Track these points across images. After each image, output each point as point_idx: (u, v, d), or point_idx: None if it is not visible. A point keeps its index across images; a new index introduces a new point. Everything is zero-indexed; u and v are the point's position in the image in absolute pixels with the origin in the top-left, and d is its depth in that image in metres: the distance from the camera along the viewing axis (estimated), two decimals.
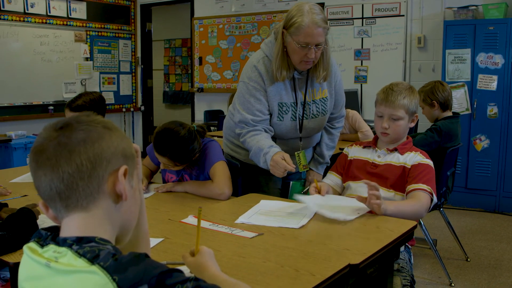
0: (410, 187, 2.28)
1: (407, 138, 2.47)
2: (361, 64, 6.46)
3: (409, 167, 2.34)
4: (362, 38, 6.42)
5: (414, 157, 2.36)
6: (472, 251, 4.14)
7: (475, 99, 5.32)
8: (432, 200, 2.24)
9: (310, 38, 2.43)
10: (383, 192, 2.33)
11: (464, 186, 5.45)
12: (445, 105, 3.76)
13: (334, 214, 2.02)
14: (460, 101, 5.39)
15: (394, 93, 2.35)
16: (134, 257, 0.96)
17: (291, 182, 2.86)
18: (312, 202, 2.15)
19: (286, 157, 2.36)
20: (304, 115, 2.71)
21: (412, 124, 2.43)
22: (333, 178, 2.58)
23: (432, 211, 3.78)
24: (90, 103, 3.25)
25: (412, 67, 6.14)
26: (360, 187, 2.39)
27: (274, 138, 2.72)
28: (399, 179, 2.34)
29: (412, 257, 2.37)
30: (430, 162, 2.36)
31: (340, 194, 2.55)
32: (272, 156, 2.40)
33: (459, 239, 4.08)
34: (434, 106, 3.75)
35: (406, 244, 2.34)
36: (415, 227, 1.99)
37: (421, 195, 2.23)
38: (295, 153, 2.74)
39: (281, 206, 2.28)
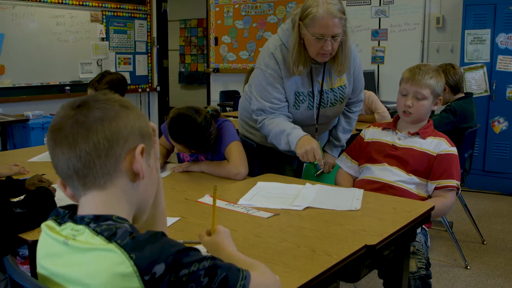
0: (441, 182, 2.28)
1: (428, 121, 2.44)
2: (378, 45, 6.39)
3: (435, 155, 2.31)
4: (379, 18, 6.34)
5: (439, 145, 2.33)
6: (489, 234, 4.11)
7: (494, 81, 5.24)
8: (457, 193, 2.31)
9: (325, 30, 2.35)
10: (402, 175, 2.32)
11: (482, 169, 5.39)
12: (456, 88, 3.73)
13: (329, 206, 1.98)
14: (478, 82, 5.31)
15: (421, 72, 2.33)
16: (151, 236, 0.96)
17: (304, 164, 2.85)
18: (306, 199, 2.06)
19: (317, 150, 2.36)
20: (322, 104, 2.68)
21: (435, 107, 2.40)
22: (348, 163, 2.56)
23: None
24: (116, 83, 3.31)
25: (430, 48, 6.06)
26: (380, 170, 2.37)
27: None
28: (421, 165, 2.32)
29: (428, 239, 2.36)
30: (455, 149, 2.35)
31: (356, 179, 2.52)
32: (303, 136, 2.40)
33: (476, 222, 4.05)
34: (445, 89, 3.68)
35: (423, 226, 2.32)
36: (432, 208, 1.97)
37: (450, 195, 2.27)
38: None
39: (280, 187, 2.26)
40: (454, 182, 2.27)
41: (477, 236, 4.01)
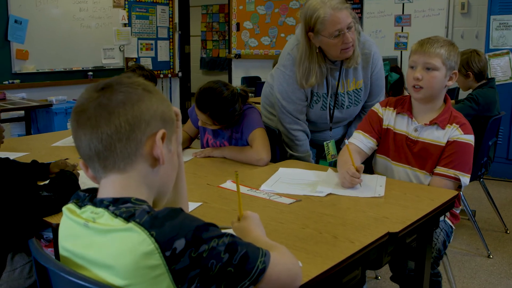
0: (437, 170, 2.11)
1: (446, 102, 2.19)
2: (402, 31, 6.30)
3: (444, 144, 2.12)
4: (403, 4, 6.25)
5: (452, 132, 2.12)
6: None
7: None
8: (460, 186, 2.08)
9: (339, 24, 2.37)
10: (420, 176, 2.18)
11: (506, 157, 5.31)
12: (481, 75, 3.65)
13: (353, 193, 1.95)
14: (504, 69, 5.21)
15: (430, 41, 2.11)
16: (170, 211, 0.97)
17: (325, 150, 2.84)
18: (329, 186, 2.03)
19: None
20: (336, 106, 2.67)
21: (450, 83, 2.13)
22: (363, 139, 2.28)
23: (472, 181, 3.71)
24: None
25: (454, 34, 5.96)
26: (399, 172, 2.22)
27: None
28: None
29: (451, 237, 2.25)
30: (468, 138, 2.11)
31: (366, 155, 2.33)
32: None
33: (499, 210, 4.00)
34: (469, 77, 3.65)
35: (448, 221, 2.26)
36: (456, 196, 1.94)
37: (442, 184, 2.08)
38: (324, 143, 2.71)
39: (302, 173, 2.25)
40: (451, 172, 2.07)
41: (500, 225, 3.96)
